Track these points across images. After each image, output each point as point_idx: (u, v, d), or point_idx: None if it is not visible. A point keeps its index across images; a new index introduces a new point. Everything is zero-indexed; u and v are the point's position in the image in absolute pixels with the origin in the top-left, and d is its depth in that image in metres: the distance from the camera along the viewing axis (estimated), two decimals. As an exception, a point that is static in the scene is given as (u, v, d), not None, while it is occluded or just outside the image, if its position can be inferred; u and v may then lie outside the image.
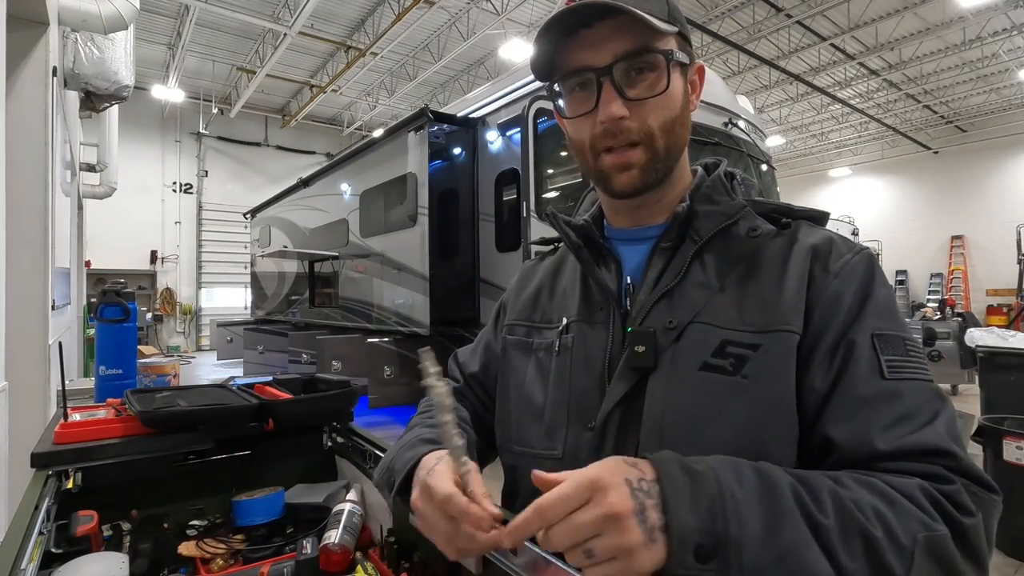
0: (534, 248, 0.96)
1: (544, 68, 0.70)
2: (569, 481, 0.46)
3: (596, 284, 0.73)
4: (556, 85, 0.71)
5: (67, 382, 1.50)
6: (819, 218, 0.71)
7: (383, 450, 1.04)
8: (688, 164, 0.76)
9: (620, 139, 0.66)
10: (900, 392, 0.56)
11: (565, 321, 0.76)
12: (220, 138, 16.03)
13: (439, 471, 0.60)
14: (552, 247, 0.91)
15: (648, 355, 0.65)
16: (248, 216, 10.93)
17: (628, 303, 0.71)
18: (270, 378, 1.48)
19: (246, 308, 12.80)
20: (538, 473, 0.49)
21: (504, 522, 0.55)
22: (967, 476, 0.53)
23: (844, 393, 0.57)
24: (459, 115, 5.44)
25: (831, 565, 0.45)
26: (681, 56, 0.68)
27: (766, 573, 0.44)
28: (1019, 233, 12.57)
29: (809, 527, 0.47)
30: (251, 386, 1.36)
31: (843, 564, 0.46)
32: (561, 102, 0.71)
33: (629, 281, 0.72)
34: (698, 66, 0.73)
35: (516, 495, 0.77)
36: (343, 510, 0.97)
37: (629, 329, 0.67)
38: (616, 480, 0.46)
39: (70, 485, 0.96)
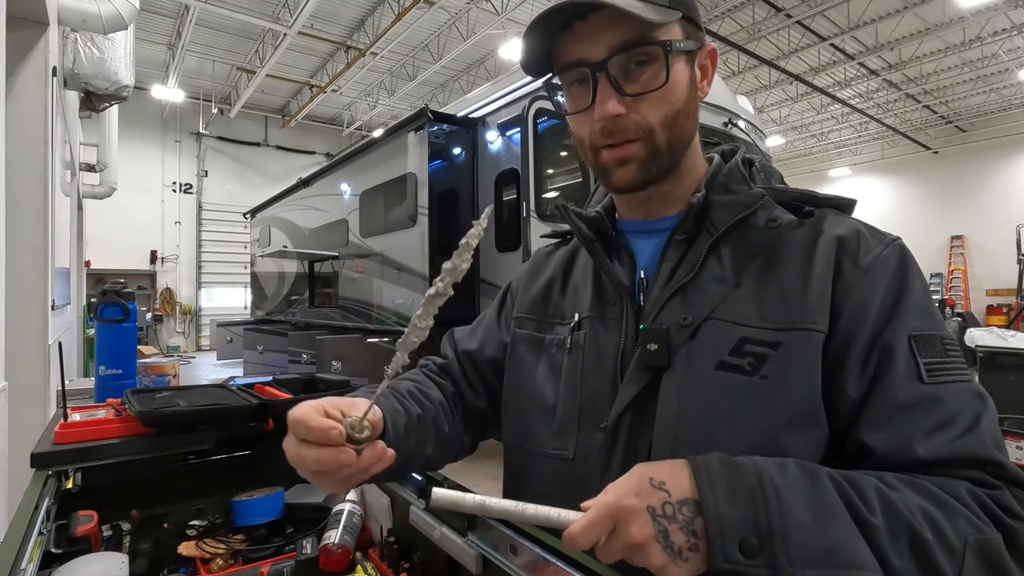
0: (543, 241, 0.93)
1: (540, 63, 0.68)
2: (594, 510, 0.48)
3: (608, 279, 0.70)
4: (555, 79, 0.68)
5: (67, 382, 1.50)
6: (845, 206, 0.67)
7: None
8: (700, 153, 0.72)
9: (618, 137, 0.63)
10: (940, 397, 0.53)
11: (577, 317, 0.73)
12: (220, 138, 16.01)
13: (300, 406, 0.59)
14: (564, 237, 0.87)
15: (661, 353, 0.62)
16: (248, 216, 10.92)
17: (642, 298, 0.67)
18: (270, 378, 1.48)
19: (246, 308, 12.78)
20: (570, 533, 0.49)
21: (356, 440, 0.57)
22: (1012, 483, 0.51)
23: (881, 400, 0.54)
24: (459, 115, 5.43)
25: (880, 563, 0.44)
26: (685, 44, 0.63)
27: (815, 566, 0.43)
28: (1019, 233, 12.53)
29: (856, 523, 0.45)
30: (251, 386, 1.35)
31: (892, 562, 0.44)
32: (561, 96, 0.68)
33: (643, 275, 0.69)
34: (709, 49, 0.68)
35: (519, 494, 0.75)
36: (343, 510, 0.97)
37: (641, 327, 0.64)
38: (639, 507, 0.46)
39: (70, 485, 0.96)
